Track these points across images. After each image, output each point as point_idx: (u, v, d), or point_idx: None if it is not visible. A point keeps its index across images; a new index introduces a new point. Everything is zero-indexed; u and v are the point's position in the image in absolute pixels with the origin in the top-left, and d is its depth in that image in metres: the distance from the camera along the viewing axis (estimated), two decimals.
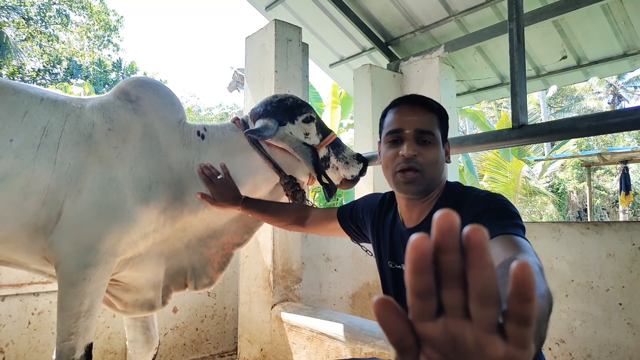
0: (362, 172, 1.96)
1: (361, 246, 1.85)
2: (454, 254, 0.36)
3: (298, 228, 1.77)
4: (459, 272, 0.37)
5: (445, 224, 0.36)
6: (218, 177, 1.77)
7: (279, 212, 1.78)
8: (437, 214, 0.37)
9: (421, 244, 0.36)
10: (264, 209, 1.79)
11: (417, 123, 1.19)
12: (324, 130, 1.93)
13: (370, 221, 1.45)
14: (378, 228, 1.41)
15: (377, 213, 1.43)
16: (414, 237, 0.37)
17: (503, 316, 0.37)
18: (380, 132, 1.32)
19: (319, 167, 1.84)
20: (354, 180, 1.96)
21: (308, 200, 2.02)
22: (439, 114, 1.24)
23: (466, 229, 0.36)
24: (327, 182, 1.89)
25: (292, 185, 1.92)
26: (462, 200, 1.17)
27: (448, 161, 1.26)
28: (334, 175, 1.94)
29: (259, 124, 1.83)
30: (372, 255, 2.21)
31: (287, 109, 1.86)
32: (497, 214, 1.05)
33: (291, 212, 1.76)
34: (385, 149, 1.25)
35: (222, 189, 1.75)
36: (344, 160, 1.92)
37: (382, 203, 1.43)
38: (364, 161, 1.96)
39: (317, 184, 1.96)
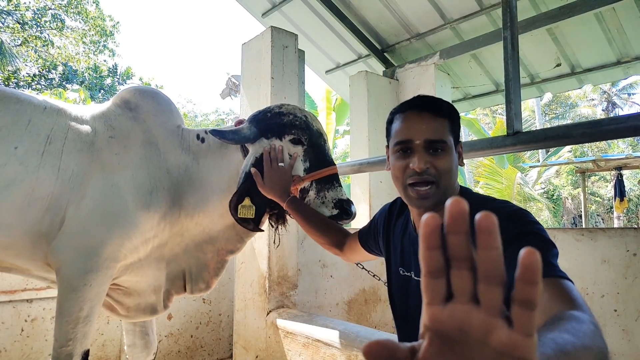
0: (336, 217, 1.68)
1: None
2: (463, 236, 0.39)
3: (336, 251, 1.66)
4: (468, 254, 0.40)
5: (455, 209, 0.39)
6: (279, 164, 1.69)
7: (323, 228, 1.65)
8: (449, 201, 0.40)
9: (432, 221, 0.40)
10: (307, 217, 1.65)
11: (426, 132, 1.10)
12: (319, 162, 1.73)
13: (382, 229, 1.42)
14: (389, 234, 1.37)
15: (387, 219, 1.40)
16: (425, 216, 0.41)
17: (510, 302, 0.39)
18: (387, 137, 1.24)
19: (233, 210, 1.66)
20: None
21: None
22: (450, 117, 1.15)
23: (477, 216, 0.38)
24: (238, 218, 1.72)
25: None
26: (482, 209, 1.12)
27: (461, 164, 1.18)
28: None
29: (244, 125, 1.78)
30: (362, 268, 2.20)
31: (278, 125, 1.74)
32: (536, 243, 0.93)
33: (334, 233, 1.64)
34: (394, 159, 1.17)
35: (275, 176, 1.66)
36: (321, 199, 1.69)
37: (393, 208, 1.40)
38: (343, 210, 1.68)
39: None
